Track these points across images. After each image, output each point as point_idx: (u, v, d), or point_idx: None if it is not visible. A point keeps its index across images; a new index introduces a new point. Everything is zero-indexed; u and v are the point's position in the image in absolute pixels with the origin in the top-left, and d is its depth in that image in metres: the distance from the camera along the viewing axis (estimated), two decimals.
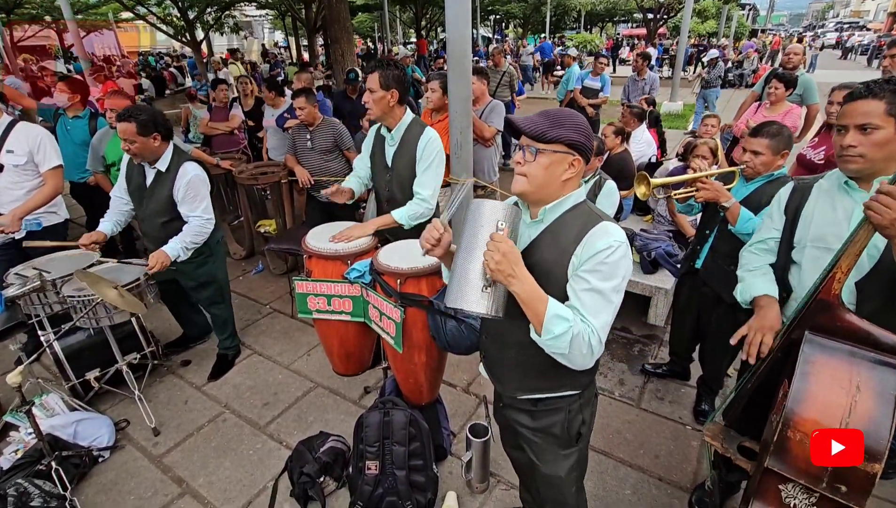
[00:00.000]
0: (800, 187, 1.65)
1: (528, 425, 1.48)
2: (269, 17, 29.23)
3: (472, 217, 1.15)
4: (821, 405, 1.23)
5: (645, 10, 24.01)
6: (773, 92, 3.93)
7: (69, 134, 3.94)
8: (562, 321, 1.14)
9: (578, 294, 1.20)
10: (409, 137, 2.38)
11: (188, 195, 2.60)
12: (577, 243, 1.21)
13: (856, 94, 1.41)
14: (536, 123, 1.20)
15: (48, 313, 2.57)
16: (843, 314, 1.32)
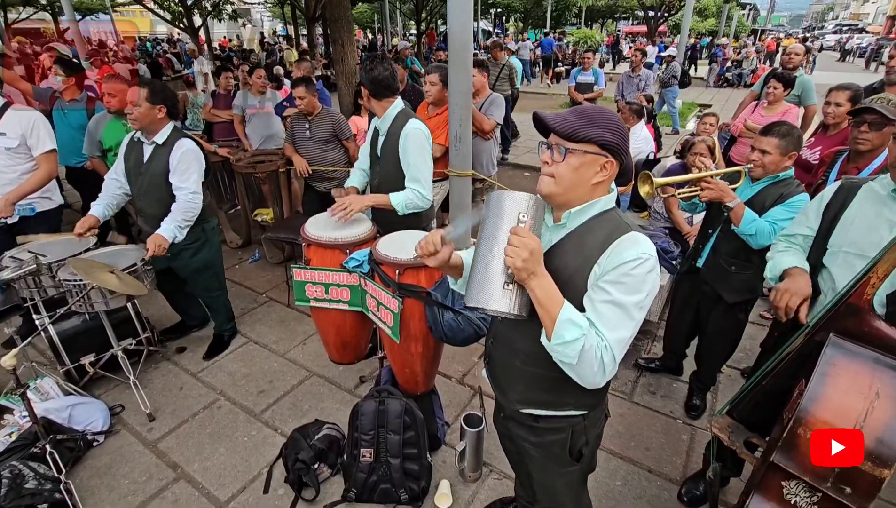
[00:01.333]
0: (846, 187, 1.60)
1: (528, 439, 1.44)
2: (267, 6, 28.94)
3: (494, 210, 1.08)
4: (835, 407, 1.22)
5: (646, 7, 23.93)
6: (772, 92, 3.95)
7: (66, 118, 3.92)
8: (574, 326, 1.08)
9: (596, 305, 1.12)
10: (394, 128, 2.44)
11: (180, 166, 2.60)
12: (602, 251, 1.13)
13: None
14: (567, 120, 1.12)
15: (43, 297, 2.56)
16: (873, 321, 1.30)
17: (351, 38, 6.59)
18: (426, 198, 2.42)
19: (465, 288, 1.12)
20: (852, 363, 1.26)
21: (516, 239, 1.02)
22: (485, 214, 1.11)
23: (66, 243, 2.71)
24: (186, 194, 2.61)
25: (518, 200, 1.07)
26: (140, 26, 31.10)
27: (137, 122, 2.53)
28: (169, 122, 2.64)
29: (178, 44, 20.17)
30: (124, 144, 2.75)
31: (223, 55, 15.10)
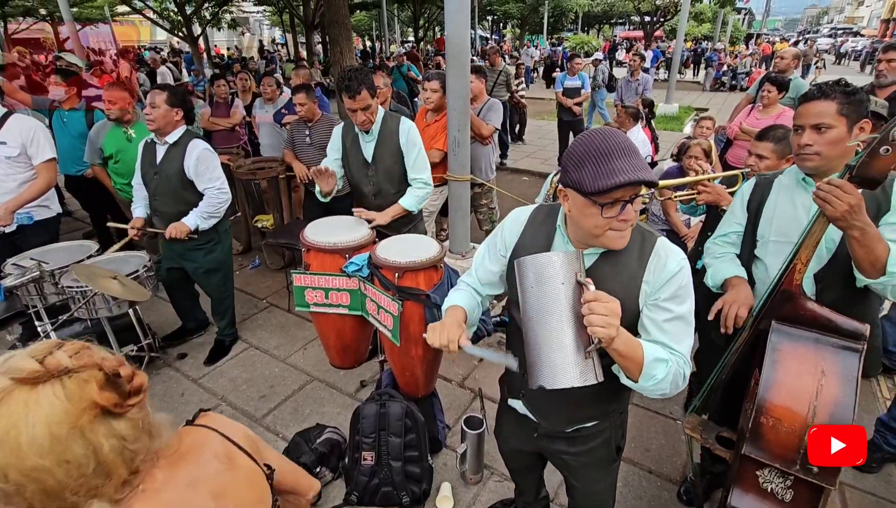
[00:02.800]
0: (761, 183, 1.70)
1: (566, 451, 1.43)
2: (266, 14, 29.14)
3: (544, 275, 0.97)
4: (790, 391, 1.30)
5: (642, 12, 24.14)
6: (766, 95, 4.00)
7: (65, 127, 3.94)
8: (661, 363, 1.07)
9: (662, 326, 1.12)
10: (387, 130, 2.50)
11: (200, 168, 2.68)
12: (643, 266, 1.12)
13: (809, 95, 1.48)
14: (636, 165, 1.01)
15: (46, 303, 2.58)
16: (806, 303, 1.39)
17: (350, 44, 6.65)
18: (430, 186, 2.59)
19: (532, 368, 1.00)
20: (796, 347, 1.35)
21: (601, 307, 0.93)
22: (531, 281, 0.99)
23: (70, 249, 2.73)
24: (214, 190, 2.73)
25: (569, 261, 0.98)
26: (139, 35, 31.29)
27: (154, 122, 2.61)
28: (182, 124, 2.72)
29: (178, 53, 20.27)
30: (141, 147, 2.82)
31: (222, 63, 15.18)
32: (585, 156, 1.02)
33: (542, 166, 7.45)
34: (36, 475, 0.55)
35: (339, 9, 6.49)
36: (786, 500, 1.33)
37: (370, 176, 2.59)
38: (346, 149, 2.61)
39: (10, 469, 0.54)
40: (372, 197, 2.62)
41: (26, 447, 0.54)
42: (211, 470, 0.76)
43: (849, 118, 1.41)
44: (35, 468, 0.55)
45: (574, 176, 1.04)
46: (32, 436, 0.55)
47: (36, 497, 0.56)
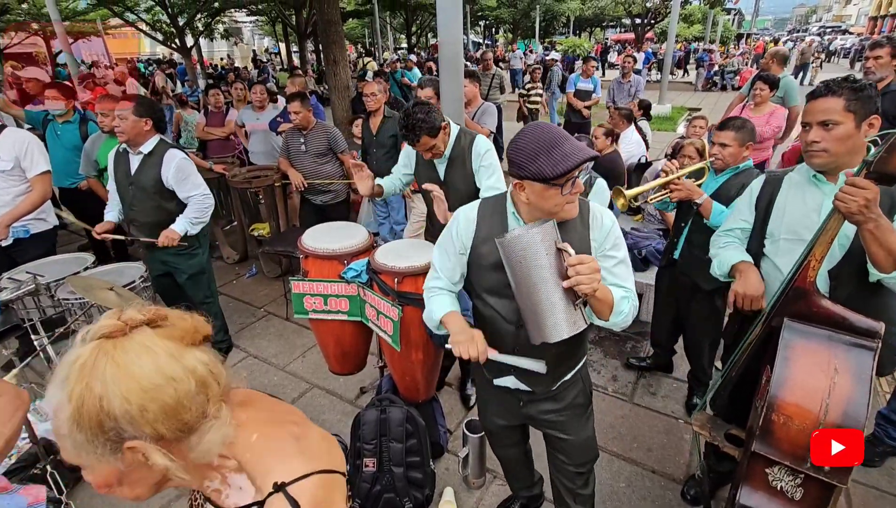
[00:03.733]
0: (771, 180, 1.70)
1: (553, 408, 1.56)
2: (259, 23, 29.22)
3: (528, 250, 1.12)
4: (802, 388, 1.28)
5: (633, 15, 24.33)
6: (758, 93, 4.02)
7: (59, 139, 3.93)
8: (625, 300, 1.31)
9: (612, 270, 1.35)
10: (458, 151, 2.33)
11: (180, 178, 2.67)
12: (587, 226, 1.34)
13: (816, 92, 1.48)
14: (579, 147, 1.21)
15: (42, 317, 2.56)
16: (819, 300, 1.38)
17: (343, 53, 6.68)
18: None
19: (532, 330, 1.19)
20: (809, 344, 1.34)
21: (585, 267, 1.11)
22: (518, 256, 1.13)
23: (66, 261, 2.72)
24: (198, 197, 2.72)
25: (547, 231, 1.13)
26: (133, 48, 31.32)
27: (124, 134, 2.58)
28: (155, 134, 2.68)
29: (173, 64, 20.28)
30: (111, 156, 2.79)
31: (216, 74, 15.21)
32: (537, 149, 1.18)
33: None
34: (153, 392, 0.65)
35: (332, 17, 6.52)
36: (795, 498, 1.31)
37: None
38: (419, 166, 2.47)
39: (132, 393, 0.63)
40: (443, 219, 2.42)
41: (139, 374, 0.64)
42: (270, 401, 0.88)
43: (857, 114, 1.41)
44: (151, 386, 0.65)
45: (532, 168, 1.18)
46: (141, 366, 0.65)
47: (159, 418, 0.65)
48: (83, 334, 0.68)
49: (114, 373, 0.64)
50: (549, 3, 26.89)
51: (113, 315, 0.70)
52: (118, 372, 0.64)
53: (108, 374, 0.63)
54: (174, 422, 0.67)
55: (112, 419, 0.64)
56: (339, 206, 4.03)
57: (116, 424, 0.64)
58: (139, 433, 0.65)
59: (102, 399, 0.63)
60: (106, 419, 0.63)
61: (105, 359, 0.64)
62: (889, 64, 3.16)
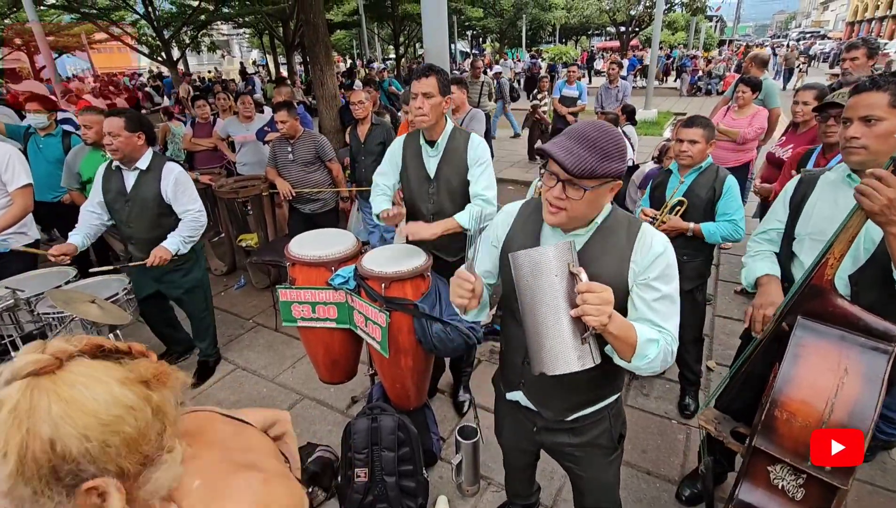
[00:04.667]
0: (806, 180, 1.66)
1: (570, 442, 1.43)
2: (245, 36, 29.26)
3: (538, 268, 1.02)
4: (808, 386, 1.25)
5: (617, 23, 24.72)
6: (741, 96, 4.08)
7: (41, 152, 3.87)
8: (652, 343, 1.12)
9: (651, 304, 1.16)
10: (453, 145, 2.24)
11: (178, 191, 2.64)
12: (631, 247, 1.17)
13: (860, 87, 1.41)
14: (583, 158, 1.07)
15: (22, 332, 2.50)
16: (835, 300, 1.34)
17: (330, 63, 6.69)
18: (493, 205, 2.25)
19: (534, 356, 1.06)
20: (820, 343, 1.30)
21: (594, 297, 0.98)
22: (526, 274, 1.04)
23: (46, 276, 2.66)
24: (193, 213, 2.68)
25: (561, 250, 1.02)
26: (120, 62, 31.21)
27: (119, 151, 2.51)
28: (148, 148, 2.64)
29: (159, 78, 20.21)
30: (99, 174, 2.73)
31: (203, 86, 15.16)
32: (563, 134, 1.13)
33: (526, 175, 7.50)
34: (114, 425, 0.58)
35: (319, 29, 6.54)
36: (797, 499, 1.28)
37: (430, 193, 2.30)
38: (406, 162, 2.34)
39: (91, 429, 0.56)
40: (430, 216, 2.30)
41: (93, 406, 0.57)
42: (228, 432, 0.81)
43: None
44: (110, 418, 0.58)
45: (621, 167, 1.11)
46: (95, 398, 0.58)
47: (122, 452, 0.59)
48: (3, 373, 0.58)
49: (63, 411, 0.56)
50: (535, 13, 27.25)
51: (36, 349, 0.61)
52: (69, 409, 0.56)
53: (54, 413, 0.55)
54: (136, 455, 0.61)
55: (70, 462, 0.56)
56: (328, 214, 4.00)
57: (76, 466, 0.56)
58: (100, 472, 0.58)
59: (55, 443, 0.55)
60: (61, 464, 0.56)
61: (45, 397, 0.56)
62: (865, 64, 3.22)
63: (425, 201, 2.32)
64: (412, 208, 2.39)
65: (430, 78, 2.07)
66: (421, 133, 2.26)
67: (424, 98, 2.08)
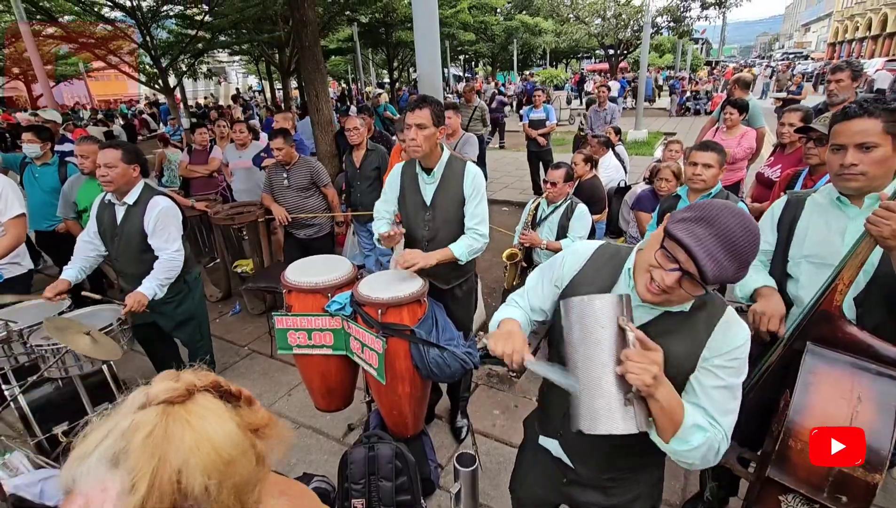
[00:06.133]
0: (793, 202, 1.67)
1: (597, 502, 1.33)
2: (242, 62, 29.71)
3: (587, 319, 0.98)
4: (822, 416, 1.23)
5: (606, 46, 25.33)
6: (729, 117, 4.17)
7: (37, 182, 3.89)
8: (700, 431, 1.03)
9: (708, 392, 1.07)
10: (450, 173, 2.26)
11: (158, 227, 2.59)
12: (709, 332, 1.08)
13: (850, 113, 1.41)
14: (725, 270, 0.95)
15: (14, 365, 2.46)
16: (845, 326, 1.34)
17: (325, 88, 6.79)
18: (485, 239, 2.31)
19: (574, 411, 1.01)
20: (832, 370, 1.29)
21: (640, 355, 0.94)
22: (574, 323, 1.00)
23: (39, 307, 2.64)
24: (169, 253, 2.61)
25: (613, 303, 0.97)
26: (117, 89, 31.56)
27: (113, 183, 2.50)
28: (140, 180, 2.64)
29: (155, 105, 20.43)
30: (95, 205, 2.73)
31: (199, 112, 15.33)
32: (707, 224, 0.96)
33: (520, 197, 7.58)
34: (231, 466, 0.56)
35: (314, 55, 6.67)
36: None
37: (426, 220, 2.32)
38: (404, 188, 2.37)
39: (213, 466, 0.54)
40: (425, 243, 2.33)
41: (218, 443, 0.55)
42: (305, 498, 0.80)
43: (894, 136, 1.36)
44: (229, 458, 0.56)
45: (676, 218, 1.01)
46: (217, 433, 0.56)
47: (231, 496, 0.56)
48: (135, 398, 0.57)
49: (194, 442, 0.53)
50: (526, 37, 27.89)
51: (171, 377, 0.60)
52: (199, 440, 0.54)
53: (187, 443, 0.53)
54: (238, 504, 0.57)
55: (190, 499, 0.52)
56: (324, 239, 4.02)
57: (192, 505, 0.52)
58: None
59: (181, 476, 0.52)
60: (182, 502, 0.52)
61: (180, 426, 0.54)
62: (850, 86, 3.32)
63: (421, 228, 2.35)
64: (409, 234, 2.41)
65: (424, 110, 2.10)
66: (417, 161, 2.30)
67: (418, 129, 2.11)
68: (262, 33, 14.74)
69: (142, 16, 12.17)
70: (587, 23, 24.40)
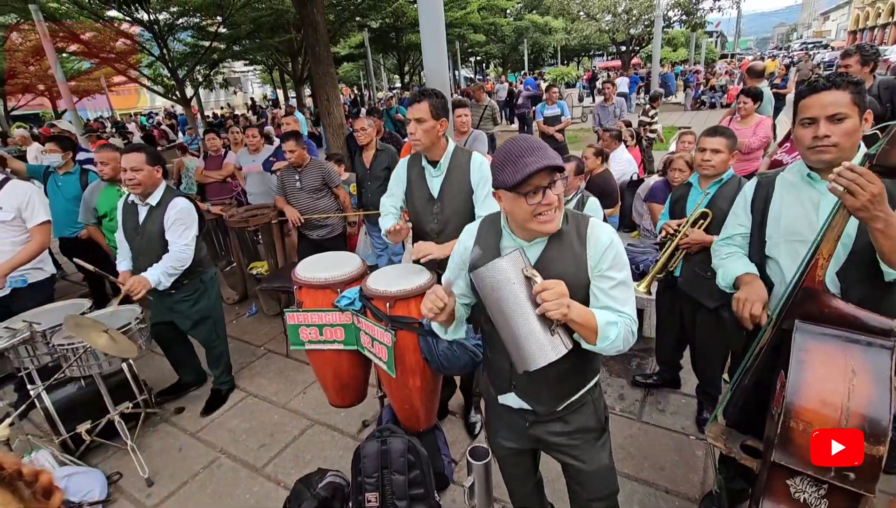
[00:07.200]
0: (763, 182, 1.67)
1: (563, 430, 1.48)
2: (256, 72, 30.24)
3: (498, 280, 1.13)
4: (820, 393, 1.22)
5: (617, 42, 25.07)
6: (742, 106, 4.10)
7: (60, 190, 4.01)
8: (612, 325, 1.23)
9: (609, 292, 1.28)
10: (456, 164, 2.27)
11: (176, 223, 2.68)
12: (584, 244, 1.28)
13: (818, 86, 1.42)
14: (544, 152, 1.19)
15: (37, 365, 2.54)
16: (830, 300, 1.33)
17: (336, 94, 6.89)
18: None
19: (515, 358, 1.17)
20: (823, 346, 1.28)
21: (550, 293, 1.11)
22: (489, 288, 1.15)
23: (62, 309, 2.73)
24: (179, 246, 2.69)
25: (514, 260, 1.14)
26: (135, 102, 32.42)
27: (140, 185, 2.60)
28: (163, 182, 2.74)
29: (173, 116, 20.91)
30: (120, 206, 2.83)
31: (215, 121, 15.64)
32: (504, 160, 1.20)
33: None
34: None
35: (325, 62, 6.77)
36: None
37: (435, 213, 2.31)
38: (411, 182, 2.37)
39: None
40: (434, 236, 2.32)
41: None
42: None
43: (860, 108, 1.39)
44: None
45: (499, 178, 1.21)
46: None
47: None
48: None
49: None
50: (536, 37, 27.79)
51: None
52: None
53: None
54: None
55: None
56: (336, 240, 4.05)
57: None
58: None
59: None
60: None
61: None
62: (860, 71, 3.24)
63: (430, 221, 2.34)
64: (417, 228, 2.42)
65: (422, 103, 2.12)
66: (423, 155, 2.30)
67: (417, 123, 2.13)
68: (274, 40, 15.01)
69: (159, 29, 12.47)
70: (598, 19, 24.17)
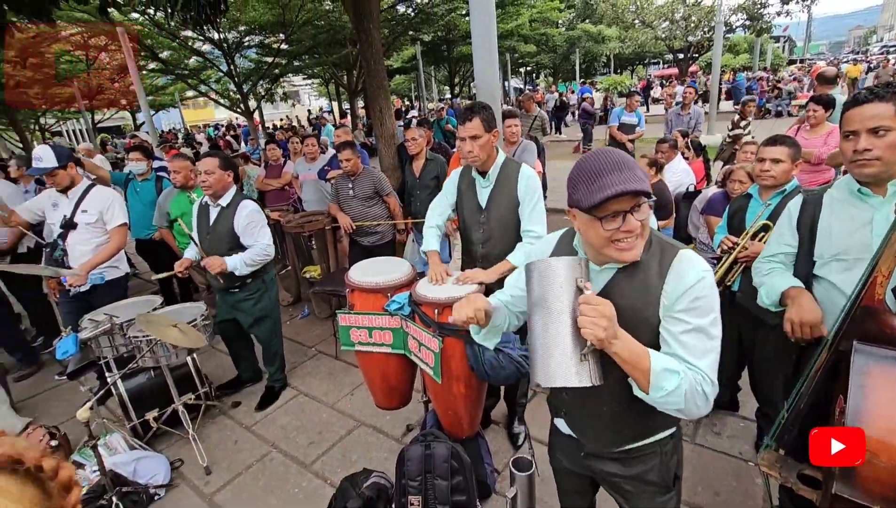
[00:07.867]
0: (810, 200, 1.61)
1: (619, 473, 1.37)
2: (313, 85, 31.63)
3: (547, 280, 1.02)
4: (883, 419, 1.13)
5: (674, 50, 24.27)
6: (812, 115, 3.87)
7: (138, 196, 4.37)
8: (671, 374, 1.05)
9: (679, 338, 1.10)
10: (504, 176, 2.31)
11: (249, 226, 2.88)
12: (663, 279, 1.12)
13: (861, 98, 1.41)
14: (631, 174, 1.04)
15: (115, 354, 2.77)
16: (891, 320, 1.24)
17: (388, 105, 7.08)
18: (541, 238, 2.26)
19: (532, 367, 1.05)
20: (885, 369, 1.18)
21: (590, 309, 0.98)
22: (535, 284, 1.04)
23: (135, 303, 2.96)
24: (262, 245, 2.91)
25: (570, 265, 1.02)
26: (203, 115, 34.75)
27: (212, 187, 2.83)
28: (233, 186, 2.95)
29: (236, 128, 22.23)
30: (196, 208, 3.08)
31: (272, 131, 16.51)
32: (580, 176, 1.08)
33: None
34: None
35: (379, 75, 7.00)
36: None
37: (482, 222, 2.37)
38: (462, 192, 2.46)
39: None
40: (480, 245, 2.40)
41: None
42: None
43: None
44: None
45: (573, 196, 1.10)
46: None
47: None
48: None
49: None
50: (589, 46, 27.38)
51: None
52: None
53: None
54: None
55: None
56: (386, 246, 4.16)
57: None
58: None
59: None
60: None
61: None
62: None
63: (476, 230, 2.40)
64: (465, 236, 2.49)
65: (475, 120, 2.17)
66: (474, 166, 2.36)
67: (472, 141, 2.19)
68: (331, 55, 15.67)
69: (227, 47, 13.34)
70: (653, 27, 23.52)
